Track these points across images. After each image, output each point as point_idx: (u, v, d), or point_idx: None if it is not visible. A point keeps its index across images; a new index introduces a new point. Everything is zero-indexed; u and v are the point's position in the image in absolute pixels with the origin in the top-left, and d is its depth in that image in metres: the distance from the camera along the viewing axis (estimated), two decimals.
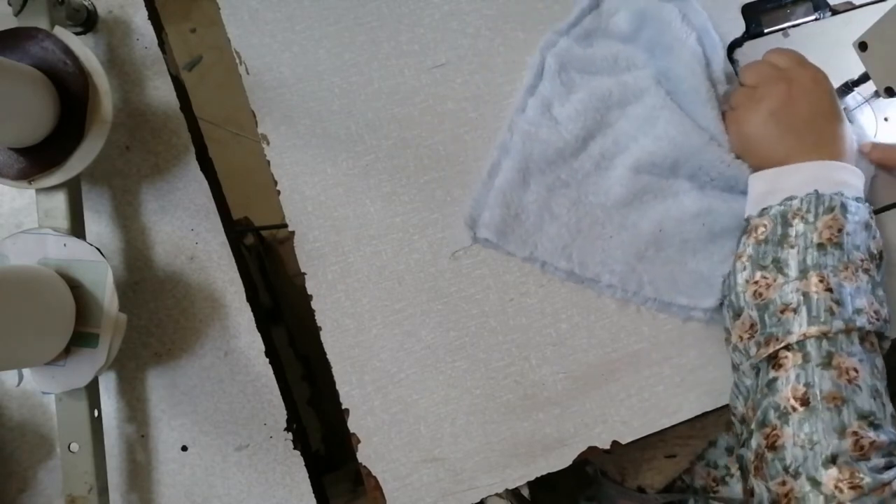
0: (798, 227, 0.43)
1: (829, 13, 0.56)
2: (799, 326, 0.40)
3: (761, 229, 0.45)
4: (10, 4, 0.46)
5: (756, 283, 0.43)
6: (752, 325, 0.43)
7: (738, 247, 0.47)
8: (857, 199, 0.44)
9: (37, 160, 0.45)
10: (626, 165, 0.50)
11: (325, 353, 0.50)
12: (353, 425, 0.49)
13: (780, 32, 0.55)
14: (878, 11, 0.52)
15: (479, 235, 0.50)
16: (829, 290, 0.40)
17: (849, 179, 0.44)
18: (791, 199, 0.44)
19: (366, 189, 0.51)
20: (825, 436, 0.37)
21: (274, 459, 0.50)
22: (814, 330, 0.39)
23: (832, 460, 0.36)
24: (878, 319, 0.41)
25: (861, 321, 0.40)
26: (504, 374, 0.50)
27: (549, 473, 0.49)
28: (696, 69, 0.50)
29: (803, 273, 0.41)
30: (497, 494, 0.49)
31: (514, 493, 0.50)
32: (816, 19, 0.56)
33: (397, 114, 0.52)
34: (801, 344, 0.40)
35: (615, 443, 0.49)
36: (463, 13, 0.54)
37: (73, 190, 0.47)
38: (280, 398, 0.50)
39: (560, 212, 0.51)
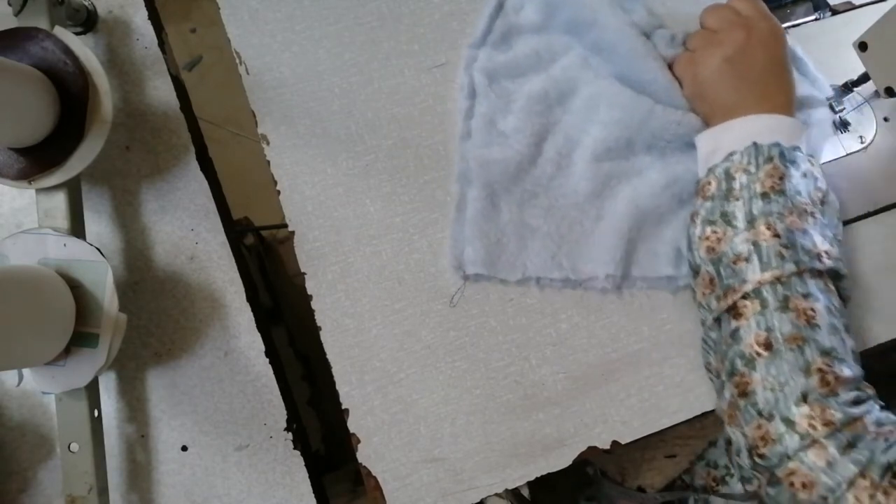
0: (741, 179, 0.44)
1: (829, 13, 0.56)
2: (753, 274, 0.41)
3: (708, 187, 0.46)
4: (10, 4, 0.46)
5: (708, 238, 0.44)
6: (711, 280, 0.44)
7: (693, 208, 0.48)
8: (795, 148, 0.45)
9: (37, 160, 0.45)
10: (584, 159, 0.50)
11: (325, 353, 0.50)
12: (353, 425, 0.49)
13: None
14: (878, 11, 0.52)
15: (469, 272, 0.49)
16: (777, 235, 0.41)
17: (786, 130, 0.45)
18: (733, 154, 0.45)
19: (366, 189, 0.51)
20: (792, 376, 0.38)
21: (274, 459, 0.50)
22: (767, 276, 0.40)
23: (803, 399, 0.37)
24: (829, 258, 0.41)
25: (812, 262, 0.40)
26: (504, 374, 0.50)
27: (549, 473, 0.49)
28: (625, 29, 0.50)
29: (751, 223, 0.42)
30: (497, 494, 0.49)
31: (514, 493, 0.50)
32: (816, 19, 0.56)
33: (397, 114, 0.52)
34: (757, 291, 0.41)
35: (615, 443, 0.49)
36: (463, 13, 0.54)
37: (73, 190, 0.47)
38: (280, 398, 0.50)
39: (538, 224, 0.50)
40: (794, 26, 0.55)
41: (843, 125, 0.53)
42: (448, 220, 0.51)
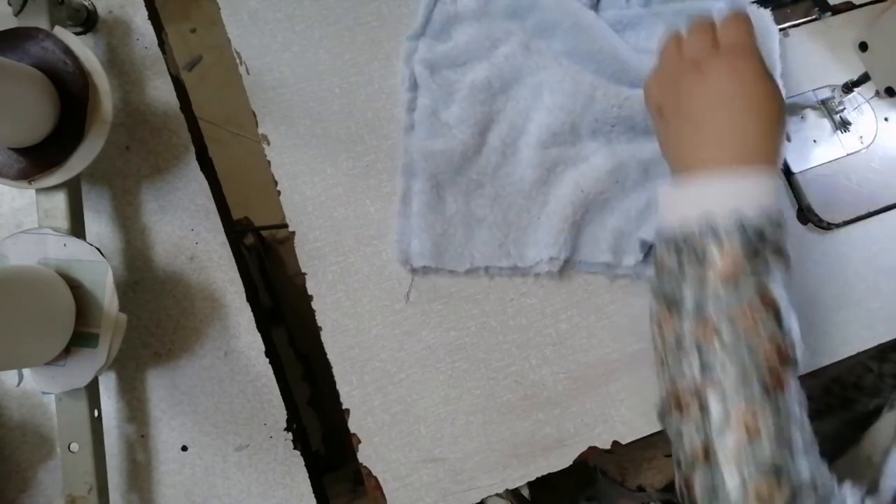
0: (691, 258, 0.37)
1: (829, 13, 0.56)
2: (695, 377, 0.36)
3: (661, 258, 0.39)
4: (10, 4, 0.46)
5: (657, 314, 0.39)
6: (662, 360, 0.39)
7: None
8: (760, 217, 0.36)
9: (37, 160, 0.45)
10: (530, 146, 0.50)
11: (325, 353, 0.50)
12: (353, 425, 0.49)
13: (781, 32, 0.55)
14: (878, 11, 0.52)
15: (416, 265, 0.49)
16: (724, 344, 0.35)
17: (753, 190, 0.37)
18: (689, 224, 0.37)
19: (366, 189, 0.51)
20: (726, 491, 0.34)
21: (274, 459, 0.50)
22: (708, 385, 0.35)
23: None
24: (782, 359, 0.35)
25: (763, 377, 0.35)
26: (504, 374, 0.50)
27: (549, 473, 0.49)
28: (566, 4, 0.50)
29: (699, 315, 0.36)
30: (497, 494, 0.49)
31: (514, 493, 0.50)
32: (816, 19, 0.56)
33: (397, 114, 0.52)
34: (699, 394, 0.36)
35: (616, 443, 0.49)
36: None
37: (73, 190, 0.47)
38: (280, 398, 0.50)
39: (484, 213, 0.50)
40: (794, 26, 0.55)
41: (843, 125, 0.53)
42: (395, 213, 0.50)
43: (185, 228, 0.51)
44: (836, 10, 0.56)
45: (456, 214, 0.50)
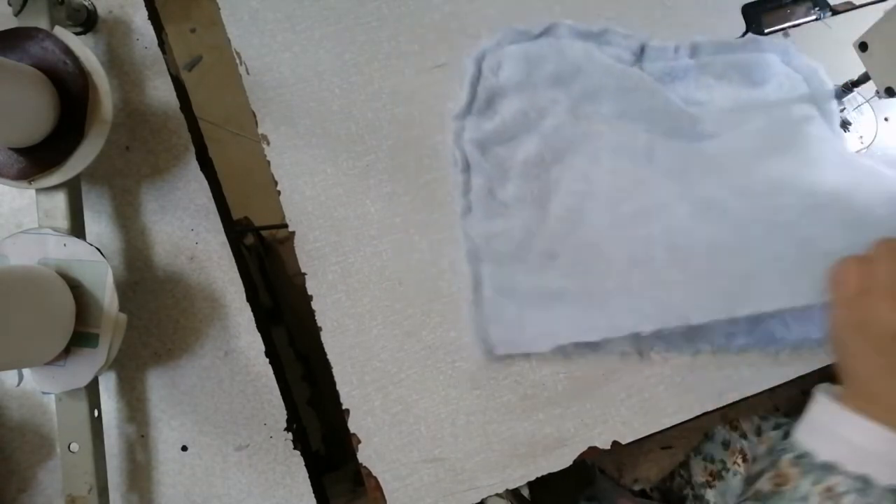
0: (826, 496, 0.36)
1: (829, 13, 0.56)
2: None
3: (787, 478, 0.38)
4: (10, 4, 0.46)
5: None
6: None
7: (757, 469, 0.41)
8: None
9: (37, 160, 0.45)
10: (599, 207, 0.48)
11: (325, 353, 0.50)
12: (353, 425, 0.49)
13: (781, 32, 0.55)
14: (878, 11, 0.52)
15: (499, 353, 0.48)
16: None
17: None
18: (834, 468, 0.37)
19: (366, 189, 0.51)
20: None
21: (274, 459, 0.50)
22: None
23: None
24: None
25: None
26: (504, 374, 0.50)
27: (549, 473, 0.49)
28: (609, 67, 0.49)
29: None
30: (497, 494, 0.49)
31: (514, 493, 0.50)
32: (816, 19, 0.56)
33: (397, 114, 0.52)
34: None
35: (615, 443, 0.49)
36: (463, 13, 0.54)
37: (73, 190, 0.47)
38: (280, 398, 0.50)
39: (562, 285, 0.48)
40: (794, 26, 0.55)
41: (843, 125, 0.53)
42: (467, 302, 0.49)
43: (185, 228, 0.51)
44: (836, 10, 0.56)
45: (531, 293, 0.48)
